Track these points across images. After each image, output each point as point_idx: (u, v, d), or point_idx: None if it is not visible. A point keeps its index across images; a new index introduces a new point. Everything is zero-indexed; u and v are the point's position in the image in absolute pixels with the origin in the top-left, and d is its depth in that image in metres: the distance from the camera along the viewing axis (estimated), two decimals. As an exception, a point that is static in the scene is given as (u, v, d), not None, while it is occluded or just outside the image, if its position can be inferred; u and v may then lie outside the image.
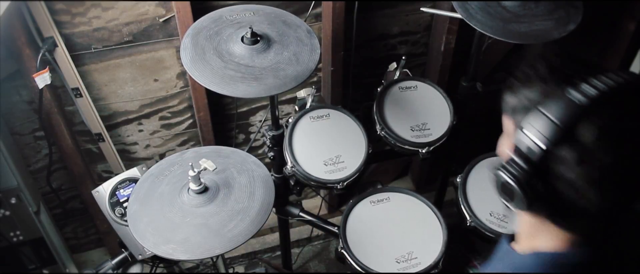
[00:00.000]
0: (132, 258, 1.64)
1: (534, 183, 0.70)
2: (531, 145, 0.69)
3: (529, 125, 0.69)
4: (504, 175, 0.73)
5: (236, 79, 1.32)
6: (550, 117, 0.67)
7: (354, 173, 1.61)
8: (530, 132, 0.69)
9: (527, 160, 0.70)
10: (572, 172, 0.67)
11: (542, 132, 0.68)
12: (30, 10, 1.61)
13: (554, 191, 0.70)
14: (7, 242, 1.86)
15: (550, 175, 0.69)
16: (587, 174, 0.66)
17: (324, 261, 2.55)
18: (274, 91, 1.34)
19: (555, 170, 0.68)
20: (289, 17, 1.52)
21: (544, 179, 0.69)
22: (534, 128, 0.69)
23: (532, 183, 0.70)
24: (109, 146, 1.99)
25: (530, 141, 0.69)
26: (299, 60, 1.40)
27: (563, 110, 0.67)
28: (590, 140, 0.65)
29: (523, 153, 0.70)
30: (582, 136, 0.66)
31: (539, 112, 0.69)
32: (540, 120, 0.68)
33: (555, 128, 0.67)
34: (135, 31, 1.79)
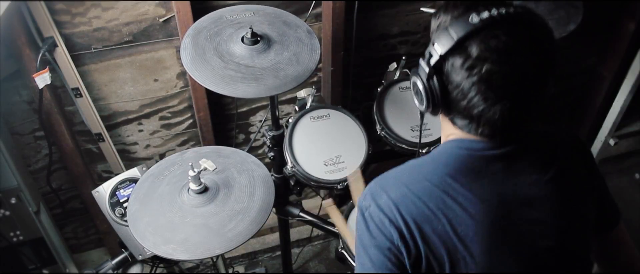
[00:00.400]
0: (132, 258, 1.64)
1: (433, 83, 0.90)
2: (433, 52, 0.89)
3: (437, 39, 0.88)
4: (414, 77, 0.95)
5: (236, 79, 1.32)
6: (451, 34, 0.86)
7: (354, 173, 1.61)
8: (436, 44, 0.88)
9: (428, 63, 0.90)
10: (459, 76, 0.86)
11: (443, 44, 0.87)
12: (30, 10, 1.61)
13: (446, 90, 0.90)
14: (7, 242, 1.86)
15: (444, 77, 0.89)
16: (470, 78, 0.85)
17: (324, 261, 2.55)
18: (274, 91, 1.34)
19: (448, 72, 0.88)
20: (289, 17, 1.52)
21: (440, 80, 0.89)
22: (439, 41, 0.88)
23: (431, 83, 0.91)
24: (109, 146, 1.99)
25: (433, 50, 0.89)
26: (299, 60, 1.40)
27: (461, 29, 0.85)
28: (475, 52, 0.84)
29: (427, 60, 0.90)
30: (470, 48, 0.85)
31: (445, 30, 0.87)
32: (444, 36, 0.87)
33: (451, 41, 0.86)
34: (135, 31, 1.79)
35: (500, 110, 0.86)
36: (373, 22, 2.08)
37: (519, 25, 0.86)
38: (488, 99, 0.86)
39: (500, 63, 0.84)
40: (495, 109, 0.86)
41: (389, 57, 2.16)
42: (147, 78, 1.92)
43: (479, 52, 0.84)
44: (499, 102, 0.86)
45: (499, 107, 0.86)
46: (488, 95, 0.85)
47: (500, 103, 0.86)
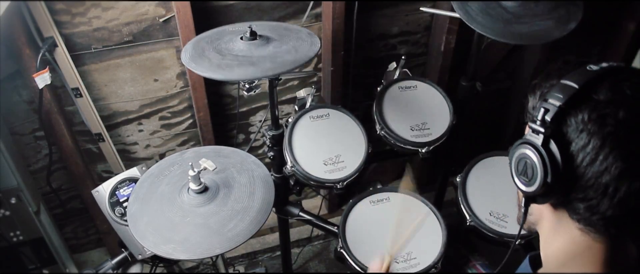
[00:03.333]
0: (132, 257, 1.64)
1: (549, 147, 0.70)
2: (549, 107, 0.70)
3: (548, 94, 0.71)
4: (521, 148, 0.73)
5: (232, 66, 1.31)
6: (568, 82, 0.69)
7: (354, 172, 1.61)
8: (550, 99, 0.70)
9: (543, 123, 0.70)
10: (586, 132, 0.67)
11: (560, 94, 0.69)
12: (30, 10, 1.61)
13: (569, 157, 0.68)
14: (7, 242, 1.86)
15: (566, 139, 0.69)
16: (600, 131, 0.66)
17: (324, 261, 2.55)
18: (270, 72, 1.31)
19: (570, 132, 0.68)
20: (291, 26, 1.53)
21: (559, 142, 0.69)
22: (552, 95, 0.70)
23: (547, 147, 0.70)
24: (109, 146, 1.99)
25: (549, 105, 0.70)
26: (298, 51, 1.39)
27: (581, 76, 0.69)
28: (605, 98, 0.67)
29: (539, 116, 0.70)
30: (597, 95, 0.68)
31: (559, 83, 0.71)
32: (558, 88, 0.70)
33: (572, 89, 0.68)
34: (135, 31, 1.79)
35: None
36: (373, 22, 2.08)
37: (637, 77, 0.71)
38: (628, 157, 0.66)
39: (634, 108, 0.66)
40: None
41: (389, 57, 2.16)
42: (147, 78, 1.92)
43: (609, 97, 0.67)
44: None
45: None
46: (628, 152, 0.65)
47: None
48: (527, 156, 0.72)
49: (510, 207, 1.63)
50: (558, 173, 0.69)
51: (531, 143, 0.71)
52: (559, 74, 0.73)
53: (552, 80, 0.73)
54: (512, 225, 1.60)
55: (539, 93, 0.75)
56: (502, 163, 1.76)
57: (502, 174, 1.73)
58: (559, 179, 0.70)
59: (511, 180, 0.79)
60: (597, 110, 0.67)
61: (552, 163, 0.69)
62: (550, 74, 0.75)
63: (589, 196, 0.69)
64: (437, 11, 1.91)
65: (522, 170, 0.75)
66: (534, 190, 0.73)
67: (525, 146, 0.72)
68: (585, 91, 0.68)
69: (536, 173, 0.71)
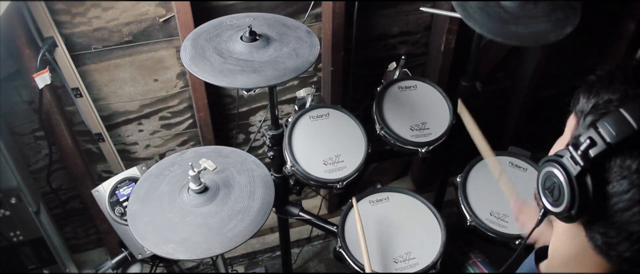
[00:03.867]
0: (132, 257, 1.64)
1: (585, 182, 0.64)
2: (597, 140, 0.63)
3: (601, 122, 0.64)
4: (554, 168, 0.68)
5: (235, 72, 1.32)
6: (628, 117, 0.62)
7: (354, 172, 1.61)
8: (601, 129, 0.63)
9: (584, 155, 0.64)
10: (629, 180, 0.62)
11: (613, 129, 0.62)
12: (30, 10, 1.61)
13: (602, 197, 0.64)
14: (7, 242, 1.86)
15: (604, 177, 0.63)
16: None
17: (323, 261, 2.55)
18: (273, 81, 1.32)
19: (611, 172, 0.63)
20: (289, 21, 1.53)
21: (596, 179, 0.64)
22: (605, 125, 0.63)
23: (581, 180, 0.64)
24: (109, 146, 1.99)
25: (598, 137, 0.63)
26: (299, 55, 1.39)
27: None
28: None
29: (583, 147, 0.64)
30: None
31: (617, 112, 0.63)
32: (614, 119, 0.63)
33: (629, 129, 0.61)
34: (135, 31, 1.79)
35: None
36: (373, 22, 2.08)
37: None
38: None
39: None
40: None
41: (389, 57, 2.16)
42: (147, 78, 1.92)
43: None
44: None
45: None
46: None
47: None
48: (558, 179, 0.68)
49: (510, 207, 1.63)
50: (586, 207, 0.66)
51: (566, 169, 0.66)
52: (623, 91, 0.65)
53: (612, 95, 0.66)
54: (512, 225, 1.60)
55: (593, 101, 0.68)
56: (503, 163, 1.75)
57: (502, 174, 1.73)
58: (585, 213, 0.67)
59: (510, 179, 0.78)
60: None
61: (581, 197, 0.65)
62: (613, 81, 0.67)
63: (610, 234, 0.66)
64: (437, 11, 1.91)
65: (548, 188, 0.71)
66: (557, 213, 0.70)
67: (558, 168, 0.67)
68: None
69: (562, 199, 0.68)
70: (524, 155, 1.76)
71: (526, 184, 1.69)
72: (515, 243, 1.57)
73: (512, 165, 1.74)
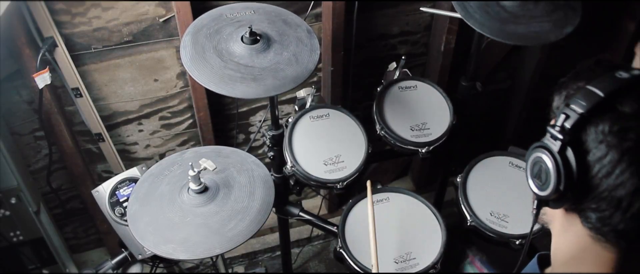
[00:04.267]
0: (132, 257, 1.64)
1: (565, 155, 0.68)
2: (570, 113, 0.68)
3: (572, 100, 0.68)
4: (536, 151, 0.73)
5: (235, 79, 1.32)
6: (594, 89, 0.67)
7: (354, 172, 1.61)
8: (572, 105, 0.68)
9: (562, 129, 0.68)
10: (605, 143, 0.65)
11: (583, 102, 0.67)
12: (30, 10, 1.61)
13: (585, 168, 0.67)
14: (7, 242, 1.86)
15: (583, 149, 0.67)
16: (620, 145, 0.64)
17: (324, 261, 2.55)
18: (273, 92, 1.34)
19: (589, 141, 0.67)
20: (289, 16, 1.52)
21: (576, 150, 0.67)
22: (576, 101, 0.68)
23: (563, 154, 0.68)
24: (109, 146, 1.99)
25: (570, 111, 0.68)
26: (299, 61, 1.40)
27: (607, 83, 0.67)
28: (630, 110, 0.65)
29: (559, 122, 0.69)
30: (622, 106, 0.65)
31: (585, 89, 0.68)
32: (582, 94, 0.68)
33: (597, 97, 0.66)
34: (135, 31, 1.79)
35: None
36: (373, 22, 2.08)
37: None
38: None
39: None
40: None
41: (389, 57, 2.16)
42: (147, 78, 1.92)
43: (635, 110, 0.65)
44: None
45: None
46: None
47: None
48: (543, 160, 0.72)
49: (510, 207, 1.63)
50: (572, 181, 0.68)
51: (548, 148, 0.70)
52: (588, 77, 0.71)
53: (580, 82, 0.71)
54: (512, 225, 1.60)
55: (564, 94, 0.74)
56: (503, 163, 1.76)
57: (502, 174, 1.73)
58: (572, 187, 0.69)
59: (510, 179, 0.79)
60: (620, 123, 0.65)
61: (566, 171, 0.68)
62: (578, 74, 0.73)
63: (601, 207, 0.68)
64: (437, 11, 1.91)
65: (536, 173, 0.74)
66: (546, 195, 0.73)
67: (541, 150, 0.72)
68: (610, 101, 0.66)
69: (550, 178, 0.71)
70: (524, 155, 1.76)
71: (526, 184, 1.68)
72: (516, 243, 1.57)
73: (512, 165, 1.74)
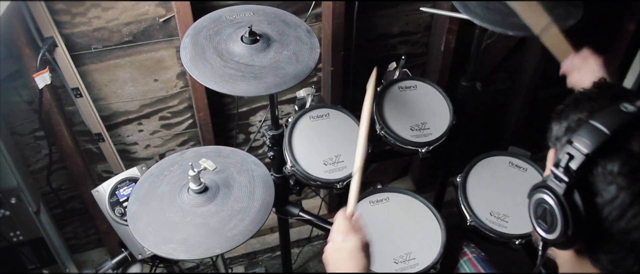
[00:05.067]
0: (132, 257, 1.64)
1: (572, 198, 0.64)
2: (575, 153, 0.63)
3: (575, 136, 0.64)
4: (540, 193, 0.68)
5: (236, 78, 1.32)
6: (599, 125, 0.63)
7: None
8: (576, 142, 0.64)
9: (566, 170, 0.64)
10: (615, 185, 0.61)
11: (589, 140, 0.62)
12: (30, 10, 1.61)
13: (594, 210, 0.63)
14: (7, 242, 1.86)
15: (591, 190, 0.63)
16: (631, 187, 0.60)
17: (324, 261, 2.55)
18: (274, 89, 1.34)
19: (597, 182, 0.63)
20: (289, 17, 1.52)
21: (583, 193, 0.63)
22: (580, 138, 0.63)
23: (570, 198, 0.64)
24: (109, 146, 1.99)
25: (575, 151, 0.63)
26: (299, 59, 1.40)
27: (614, 119, 0.63)
28: (639, 148, 0.61)
29: (563, 163, 0.64)
30: (630, 145, 0.61)
31: (588, 124, 0.64)
32: (587, 130, 0.63)
33: (603, 135, 0.62)
34: (135, 31, 1.79)
35: None
36: (373, 22, 2.08)
37: None
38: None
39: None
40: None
41: (389, 57, 2.16)
42: (147, 78, 1.92)
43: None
44: None
45: None
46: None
47: None
48: (547, 203, 0.68)
49: (510, 207, 1.63)
50: (581, 226, 0.65)
51: (552, 191, 0.66)
52: (590, 108, 0.66)
53: (581, 113, 0.67)
54: (512, 225, 1.60)
55: (564, 125, 0.69)
56: (503, 163, 1.76)
57: (502, 174, 1.73)
58: (582, 232, 0.65)
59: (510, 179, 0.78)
60: (630, 163, 0.61)
61: (574, 216, 0.64)
62: (579, 103, 0.69)
63: (613, 250, 0.64)
64: (437, 11, 1.91)
65: (541, 216, 0.70)
66: (554, 239, 0.69)
67: (545, 192, 0.67)
68: (617, 138, 0.62)
69: (556, 223, 0.67)
70: (524, 155, 1.76)
71: (526, 184, 1.68)
72: (516, 243, 1.57)
73: (512, 165, 1.74)
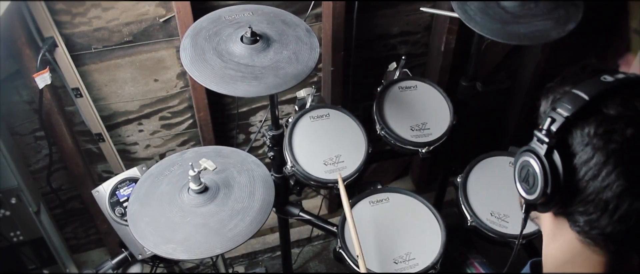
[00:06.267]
0: (132, 257, 1.64)
1: (552, 158, 0.69)
2: (556, 116, 0.68)
3: (558, 103, 0.69)
4: (523, 155, 0.74)
5: (236, 79, 1.32)
6: (579, 92, 0.67)
7: (354, 172, 1.61)
8: (558, 108, 0.68)
9: (548, 132, 0.69)
10: (591, 146, 0.65)
11: (570, 105, 0.67)
12: (30, 10, 1.61)
13: (572, 171, 0.67)
14: (7, 242, 1.86)
15: (570, 152, 0.67)
16: (606, 147, 0.64)
17: (324, 261, 2.55)
18: (274, 90, 1.34)
19: (575, 144, 0.67)
20: (288, 16, 1.52)
21: (563, 154, 0.68)
22: (562, 104, 0.68)
23: (549, 158, 0.69)
24: (109, 146, 1.99)
25: (556, 115, 0.68)
26: (299, 59, 1.40)
27: (593, 87, 0.67)
28: (615, 113, 0.65)
29: (545, 125, 0.69)
30: (607, 109, 0.66)
31: (570, 93, 0.69)
32: (568, 97, 0.68)
33: (582, 101, 0.67)
34: (135, 31, 1.79)
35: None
36: (373, 22, 2.08)
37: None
38: (630, 176, 0.64)
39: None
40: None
41: (389, 57, 2.16)
42: (147, 79, 1.92)
43: (619, 112, 0.65)
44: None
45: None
46: (632, 171, 0.64)
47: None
48: (530, 164, 0.72)
49: (511, 207, 1.63)
50: (558, 184, 0.69)
51: (535, 152, 0.71)
52: (573, 81, 0.71)
53: (566, 87, 0.72)
54: (513, 225, 1.60)
55: (551, 98, 0.75)
56: (503, 163, 1.76)
57: (502, 174, 1.73)
58: (559, 191, 0.69)
59: (511, 179, 0.79)
60: (605, 125, 0.65)
61: (553, 175, 0.69)
62: (565, 79, 0.74)
63: (589, 210, 0.68)
64: (437, 11, 1.91)
65: (524, 177, 0.75)
66: (534, 199, 0.73)
67: (528, 154, 0.73)
68: (595, 103, 0.66)
69: (537, 182, 0.71)
70: (524, 155, 1.76)
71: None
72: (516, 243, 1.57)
73: (512, 165, 1.74)
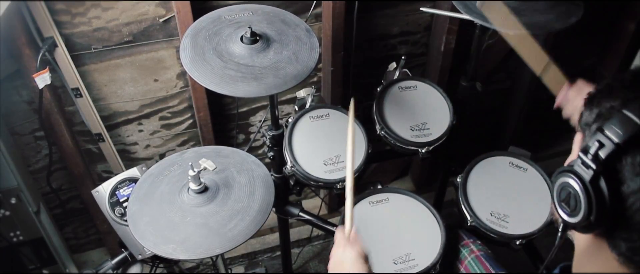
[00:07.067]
0: (132, 257, 1.64)
1: (598, 185, 0.65)
2: (605, 141, 0.64)
3: (607, 124, 0.65)
4: (567, 177, 0.69)
5: (236, 79, 1.32)
6: (632, 116, 0.63)
7: (354, 173, 1.61)
8: (607, 131, 0.64)
9: (595, 158, 0.64)
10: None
11: (620, 130, 0.63)
12: (30, 10, 1.61)
13: (618, 199, 0.64)
14: (7, 242, 1.86)
15: (618, 178, 0.63)
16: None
17: (324, 261, 2.55)
18: (274, 90, 1.34)
19: (624, 172, 0.63)
20: (288, 16, 1.52)
21: (610, 181, 0.64)
22: (611, 127, 0.64)
23: (596, 184, 0.65)
24: (109, 147, 1.99)
25: (605, 139, 0.64)
26: (299, 59, 1.40)
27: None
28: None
29: (593, 150, 0.65)
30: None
31: (620, 113, 0.64)
32: (619, 120, 0.64)
33: (635, 126, 0.62)
34: (135, 31, 1.79)
35: None
36: (373, 22, 2.08)
37: None
38: None
39: None
40: None
41: (389, 57, 2.16)
42: (147, 79, 1.92)
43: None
44: None
45: None
46: None
47: None
48: (572, 187, 0.68)
49: (511, 207, 1.63)
50: (603, 213, 0.65)
51: (579, 176, 0.67)
52: (623, 97, 0.66)
53: (614, 102, 0.67)
54: (513, 225, 1.60)
55: (595, 112, 0.69)
56: (503, 163, 1.75)
57: (502, 174, 1.73)
58: (604, 218, 0.66)
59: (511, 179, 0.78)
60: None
61: (598, 202, 0.65)
62: (612, 90, 0.68)
63: (633, 238, 0.64)
64: (437, 11, 1.91)
65: (564, 199, 0.71)
66: (576, 223, 0.70)
67: (571, 176, 0.68)
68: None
69: (579, 207, 0.67)
70: (524, 155, 1.76)
71: (526, 184, 1.69)
72: (516, 243, 1.57)
73: (512, 165, 1.74)
